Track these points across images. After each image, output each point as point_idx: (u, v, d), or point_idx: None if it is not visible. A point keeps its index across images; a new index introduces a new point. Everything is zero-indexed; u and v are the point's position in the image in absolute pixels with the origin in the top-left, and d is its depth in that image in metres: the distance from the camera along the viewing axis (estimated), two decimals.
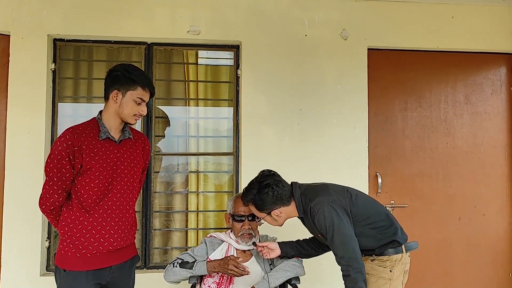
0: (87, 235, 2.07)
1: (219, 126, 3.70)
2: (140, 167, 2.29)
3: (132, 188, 2.22)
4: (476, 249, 3.66)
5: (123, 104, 2.11)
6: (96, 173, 2.07)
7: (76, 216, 2.08)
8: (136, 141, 2.28)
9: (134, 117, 2.15)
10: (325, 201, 2.22)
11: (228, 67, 3.62)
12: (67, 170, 2.04)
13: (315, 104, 3.49)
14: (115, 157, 2.14)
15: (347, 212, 2.22)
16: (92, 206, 2.08)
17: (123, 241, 2.17)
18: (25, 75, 3.23)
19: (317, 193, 2.28)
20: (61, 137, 2.06)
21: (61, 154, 2.02)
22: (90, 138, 2.09)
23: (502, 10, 3.71)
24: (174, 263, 2.37)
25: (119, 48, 3.49)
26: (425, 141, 3.66)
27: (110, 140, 2.14)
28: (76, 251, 2.07)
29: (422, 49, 3.66)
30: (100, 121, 2.15)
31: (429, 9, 3.62)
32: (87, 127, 2.13)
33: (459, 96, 3.72)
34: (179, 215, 3.59)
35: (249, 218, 2.49)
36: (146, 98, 2.15)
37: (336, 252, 2.19)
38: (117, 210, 2.14)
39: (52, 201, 2.07)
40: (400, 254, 2.29)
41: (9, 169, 3.19)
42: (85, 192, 2.07)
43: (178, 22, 3.40)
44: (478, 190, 3.67)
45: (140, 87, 2.12)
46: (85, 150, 2.06)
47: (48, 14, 3.28)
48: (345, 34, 3.52)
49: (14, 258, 3.17)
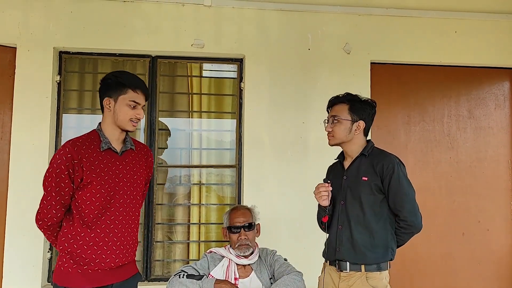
0: (88, 251, 2.00)
1: (222, 139, 3.72)
2: (143, 180, 2.21)
3: (135, 202, 2.14)
4: (480, 264, 3.62)
5: (117, 110, 2.05)
6: (97, 186, 2.00)
7: (77, 231, 2.00)
8: (139, 152, 2.21)
9: (131, 122, 2.06)
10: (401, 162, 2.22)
11: (232, 80, 3.65)
12: (66, 185, 1.97)
13: (318, 117, 3.48)
14: (117, 169, 2.07)
15: None
16: (93, 221, 2.01)
17: (124, 258, 2.09)
18: (31, 87, 3.27)
19: None
20: (60, 150, 2.00)
21: (60, 168, 1.96)
22: (91, 150, 2.02)
23: (505, 25, 3.72)
24: (180, 275, 2.34)
25: (124, 60, 3.52)
26: (428, 155, 3.65)
27: (111, 152, 2.07)
28: (78, 267, 1.99)
29: (425, 64, 3.67)
30: (101, 132, 2.08)
31: (432, 24, 3.64)
32: (87, 139, 2.06)
33: (463, 111, 3.71)
34: (181, 227, 3.59)
35: (245, 229, 2.47)
36: (139, 100, 2.07)
37: (406, 207, 2.16)
38: (120, 225, 2.07)
39: (50, 216, 2.00)
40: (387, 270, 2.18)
41: (13, 180, 3.21)
42: (86, 206, 2.00)
43: (182, 35, 3.44)
44: (481, 205, 3.65)
45: (131, 90, 2.04)
46: (86, 163, 1.98)
47: (54, 27, 3.33)
48: (348, 48, 3.54)
49: (16, 269, 3.17)
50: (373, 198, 2.17)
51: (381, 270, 2.15)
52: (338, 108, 2.27)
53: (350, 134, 2.24)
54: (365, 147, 2.26)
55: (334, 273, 2.24)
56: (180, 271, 2.38)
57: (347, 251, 2.18)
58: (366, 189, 2.17)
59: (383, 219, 2.18)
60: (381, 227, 2.17)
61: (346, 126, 2.23)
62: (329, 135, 2.28)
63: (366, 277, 2.14)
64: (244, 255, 2.45)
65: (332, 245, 2.25)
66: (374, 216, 2.16)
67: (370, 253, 2.14)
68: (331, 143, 2.29)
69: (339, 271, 2.20)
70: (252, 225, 2.50)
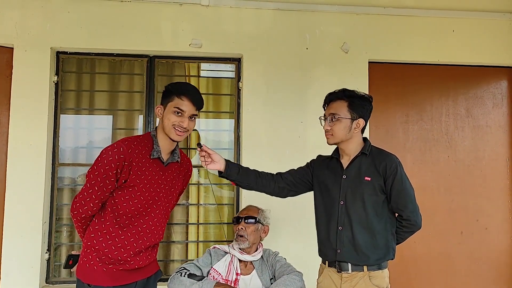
0: (115, 251, 2.01)
1: (220, 138, 3.71)
2: (178, 191, 2.27)
3: (166, 212, 2.19)
4: (478, 263, 3.63)
5: (164, 117, 2.05)
6: (138, 192, 2.02)
7: (109, 230, 2.01)
8: (181, 165, 2.23)
9: (174, 130, 2.02)
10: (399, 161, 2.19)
11: (230, 79, 3.65)
12: (111, 182, 1.97)
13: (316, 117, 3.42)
14: (159, 179, 2.09)
15: None
16: (126, 223, 2.03)
17: (148, 260, 2.13)
18: (28, 87, 3.26)
19: None
20: (114, 148, 1.98)
21: (110, 165, 1.94)
22: (142, 155, 2.02)
23: (502, 23, 3.72)
24: (181, 273, 2.33)
25: (121, 60, 3.52)
26: (426, 154, 3.65)
27: (159, 161, 2.09)
28: (103, 266, 2.00)
29: (423, 63, 3.68)
30: (155, 139, 2.09)
31: (429, 23, 3.65)
32: (141, 142, 2.06)
33: (460, 110, 3.72)
34: (179, 227, 3.59)
35: (245, 221, 2.48)
36: (184, 108, 2.02)
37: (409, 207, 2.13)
38: (149, 231, 2.09)
39: (86, 209, 1.99)
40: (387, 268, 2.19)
41: (11, 181, 3.20)
42: (123, 207, 2.01)
43: (180, 35, 3.43)
44: (480, 204, 3.65)
45: (176, 96, 2.03)
46: (134, 167, 1.99)
47: (51, 27, 3.32)
48: (346, 48, 3.54)
49: (14, 270, 3.17)
50: (376, 198, 2.13)
51: (383, 269, 2.15)
52: (337, 105, 2.18)
53: (350, 133, 2.16)
54: (364, 146, 2.20)
55: (334, 275, 2.19)
56: (182, 268, 2.37)
57: (348, 253, 2.13)
58: (369, 190, 2.13)
59: (384, 220, 2.15)
60: (383, 227, 2.15)
61: (346, 124, 2.15)
62: (328, 133, 2.20)
63: (369, 276, 2.12)
64: (240, 248, 2.45)
65: (331, 246, 2.18)
66: (376, 217, 2.13)
67: (372, 254, 2.12)
68: (330, 142, 2.21)
69: (340, 272, 2.16)
70: (255, 219, 2.50)
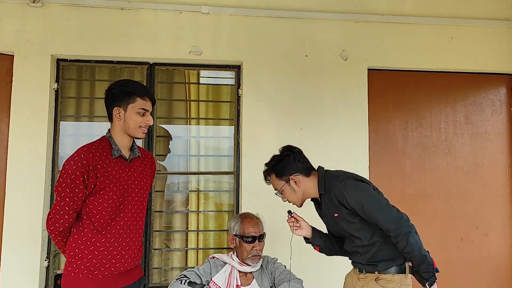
0: (99, 256, 2.02)
1: (220, 145, 3.71)
2: (148, 186, 2.27)
3: (142, 208, 2.20)
4: (478, 270, 3.62)
5: (127, 119, 2.08)
6: (109, 192, 2.03)
7: (88, 237, 2.02)
8: (144, 159, 2.25)
9: (141, 129, 2.10)
10: (352, 176, 2.20)
11: (229, 86, 3.65)
12: (80, 191, 1.98)
13: (315, 123, 3.51)
14: (126, 176, 2.11)
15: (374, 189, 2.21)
16: (104, 226, 2.04)
17: (132, 262, 2.13)
18: (28, 94, 3.26)
19: (343, 172, 2.27)
20: (75, 156, 2.00)
21: (75, 174, 1.96)
22: (104, 157, 2.05)
23: (501, 31, 3.75)
24: (182, 280, 2.32)
25: (122, 68, 3.53)
26: (425, 160, 3.66)
27: (122, 159, 2.11)
28: (88, 273, 2.01)
29: (421, 70, 3.69)
30: (112, 139, 2.11)
31: (428, 30, 3.67)
32: (99, 146, 2.08)
33: (459, 116, 3.73)
34: (179, 235, 3.58)
35: (259, 239, 2.47)
36: (148, 107, 2.11)
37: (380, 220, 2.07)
38: (128, 230, 2.11)
39: (62, 222, 2.00)
40: (404, 275, 2.20)
41: (10, 188, 3.20)
42: (98, 212, 2.03)
43: (180, 42, 3.44)
44: (479, 211, 3.66)
45: (139, 98, 2.08)
46: (100, 170, 2.01)
47: (51, 34, 3.33)
48: (345, 55, 3.56)
49: (14, 277, 3.15)
50: (355, 225, 2.18)
51: (394, 273, 2.17)
52: (272, 181, 2.32)
53: (299, 190, 2.26)
54: (319, 185, 2.25)
55: (354, 274, 2.33)
56: (182, 275, 2.36)
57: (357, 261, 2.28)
58: (343, 222, 2.20)
59: (378, 233, 2.18)
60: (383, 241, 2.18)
61: (287, 190, 2.26)
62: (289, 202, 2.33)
63: (377, 278, 2.19)
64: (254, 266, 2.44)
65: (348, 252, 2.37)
66: (369, 238, 2.18)
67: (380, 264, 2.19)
68: (298, 205, 2.33)
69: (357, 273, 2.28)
70: (264, 236, 2.50)
